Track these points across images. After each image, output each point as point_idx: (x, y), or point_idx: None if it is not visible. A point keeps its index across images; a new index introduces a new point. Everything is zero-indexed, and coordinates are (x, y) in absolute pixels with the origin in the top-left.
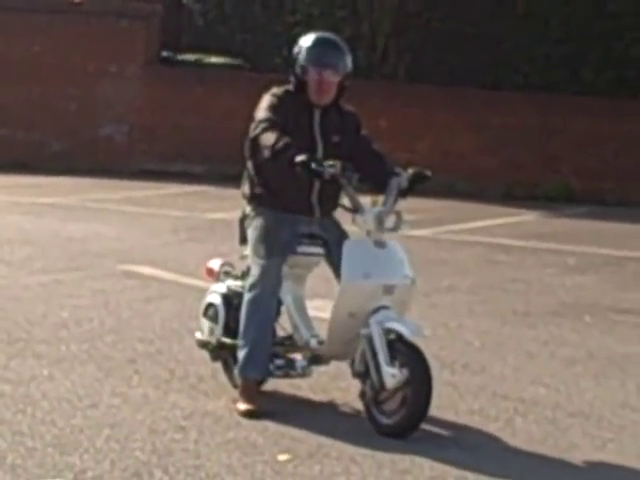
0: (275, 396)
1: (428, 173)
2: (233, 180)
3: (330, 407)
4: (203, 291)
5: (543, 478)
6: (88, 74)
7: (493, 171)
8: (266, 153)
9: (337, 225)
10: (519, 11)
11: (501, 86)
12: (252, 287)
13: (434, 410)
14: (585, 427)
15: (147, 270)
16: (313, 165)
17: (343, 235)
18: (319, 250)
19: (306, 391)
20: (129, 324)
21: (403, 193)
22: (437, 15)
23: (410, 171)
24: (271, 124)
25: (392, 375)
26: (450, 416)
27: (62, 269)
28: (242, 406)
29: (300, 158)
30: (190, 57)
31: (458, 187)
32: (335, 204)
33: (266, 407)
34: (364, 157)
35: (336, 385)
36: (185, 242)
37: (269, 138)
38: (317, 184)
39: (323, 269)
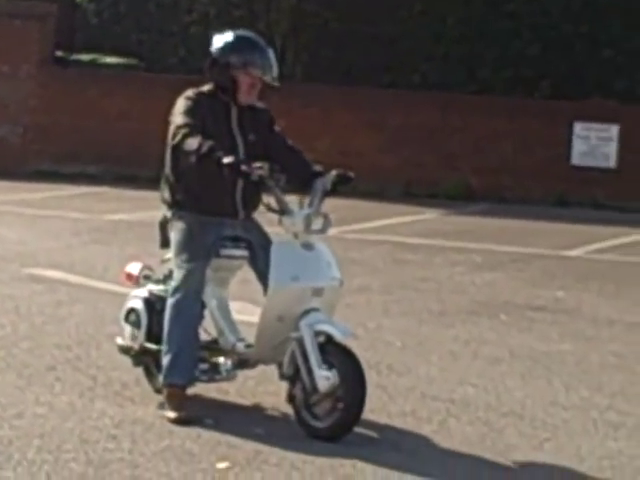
0: (203, 401)
1: (351, 174)
2: (128, 181)
3: (260, 412)
4: (114, 295)
5: None
6: None
7: (393, 170)
8: (192, 158)
9: (259, 227)
10: (416, 11)
11: (399, 85)
12: (175, 291)
13: (367, 413)
14: (520, 427)
15: (53, 274)
16: (243, 167)
17: (266, 237)
18: (243, 253)
19: (234, 396)
20: (43, 330)
21: (326, 194)
22: (334, 15)
23: (334, 172)
24: (191, 129)
25: (326, 378)
26: (383, 419)
27: None
28: (171, 414)
29: (228, 160)
30: (85, 57)
31: (359, 186)
32: (256, 205)
33: (195, 413)
34: (281, 154)
35: (264, 389)
36: (89, 244)
37: (192, 143)
38: (240, 186)
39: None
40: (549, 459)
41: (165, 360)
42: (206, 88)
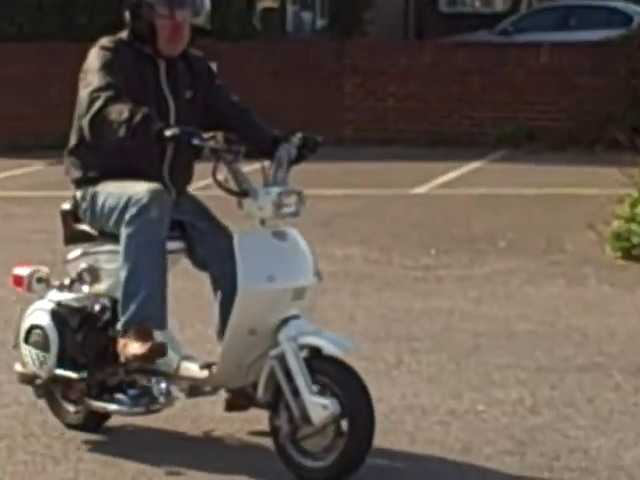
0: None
1: (318, 138)
2: None
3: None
4: None
5: None
6: None
7: None
8: (121, 131)
9: (193, 201)
10: None
11: None
12: (139, 213)
13: None
14: None
15: None
16: (195, 140)
17: (204, 213)
18: (179, 245)
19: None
20: None
21: (292, 163)
22: None
23: (298, 135)
24: (115, 91)
25: (322, 406)
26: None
27: None
28: (139, 348)
29: (171, 132)
30: None
31: None
32: (189, 177)
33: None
34: (228, 116)
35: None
36: None
37: (120, 111)
38: (168, 157)
39: None
40: None
41: (132, 305)
42: (125, 35)
